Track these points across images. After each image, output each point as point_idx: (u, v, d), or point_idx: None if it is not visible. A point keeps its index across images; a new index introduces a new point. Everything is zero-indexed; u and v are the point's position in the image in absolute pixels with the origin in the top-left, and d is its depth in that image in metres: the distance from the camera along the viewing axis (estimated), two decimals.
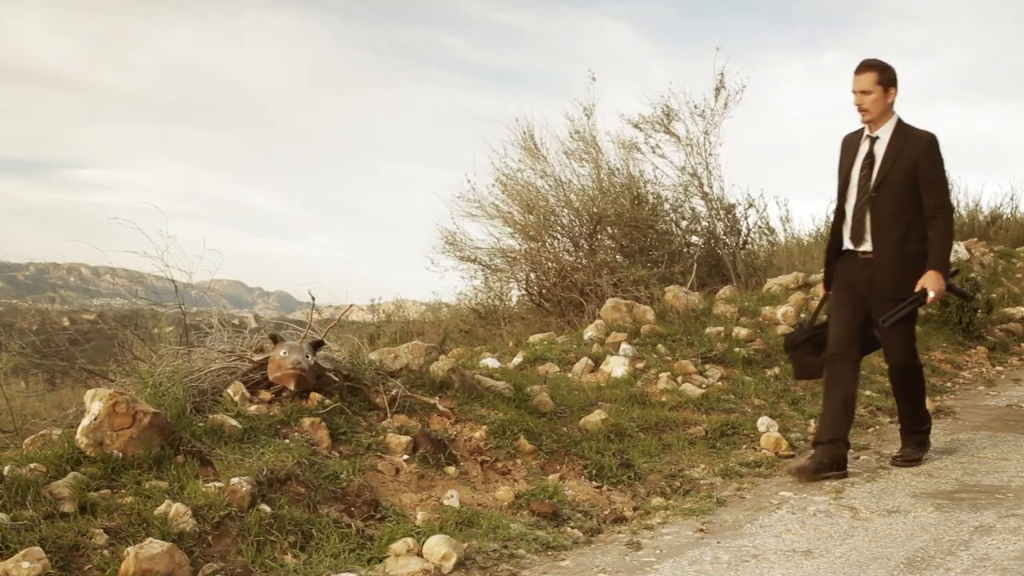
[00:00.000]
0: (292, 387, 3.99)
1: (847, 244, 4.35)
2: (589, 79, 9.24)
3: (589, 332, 6.54)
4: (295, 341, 4.20)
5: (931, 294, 4.15)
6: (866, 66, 4.25)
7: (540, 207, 9.09)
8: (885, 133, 4.27)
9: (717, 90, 9.35)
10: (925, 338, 7.82)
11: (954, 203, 12.43)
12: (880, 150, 4.26)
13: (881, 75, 4.23)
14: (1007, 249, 11.47)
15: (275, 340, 4.17)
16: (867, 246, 4.27)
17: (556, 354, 6.05)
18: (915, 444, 4.56)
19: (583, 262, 8.62)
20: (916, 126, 4.31)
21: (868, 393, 6.20)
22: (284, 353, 4.02)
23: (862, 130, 4.38)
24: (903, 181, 4.19)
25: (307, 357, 4.03)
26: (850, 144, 4.41)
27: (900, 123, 4.29)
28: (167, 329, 5.72)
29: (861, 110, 4.27)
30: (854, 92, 4.26)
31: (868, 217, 4.25)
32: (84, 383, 5.26)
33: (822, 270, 4.62)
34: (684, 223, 9.65)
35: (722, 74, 9.29)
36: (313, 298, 4.48)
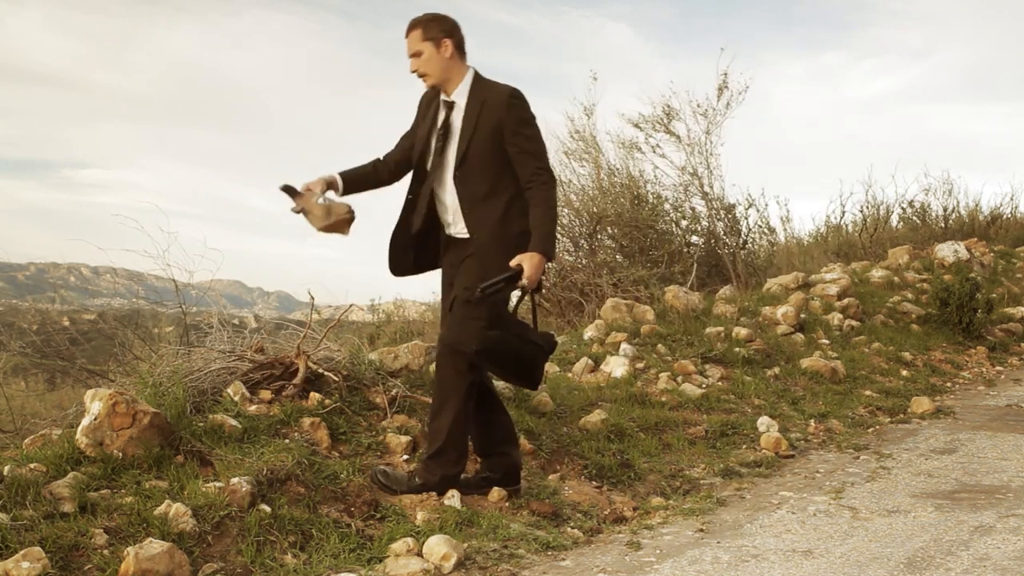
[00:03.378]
0: (347, 234, 3.60)
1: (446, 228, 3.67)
2: (590, 79, 9.26)
3: (589, 332, 6.54)
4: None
5: (524, 280, 3.42)
6: (410, 25, 3.58)
7: None
8: (461, 97, 3.57)
9: (720, 90, 9.37)
10: (925, 338, 7.83)
11: (955, 203, 12.59)
12: (457, 118, 3.57)
13: (426, 30, 3.54)
14: (1007, 249, 11.48)
15: (291, 192, 3.58)
16: (459, 229, 3.61)
17: (556, 354, 6.06)
18: (423, 471, 3.62)
19: (583, 262, 8.62)
20: (497, 80, 3.61)
21: (868, 393, 6.21)
22: (323, 200, 3.55)
23: (439, 92, 3.66)
24: (489, 152, 3.52)
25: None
26: (428, 106, 3.69)
27: (477, 81, 3.59)
28: (167, 329, 5.73)
29: (419, 75, 3.60)
30: (408, 58, 3.60)
31: (456, 198, 3.58)
32: (84, 383, 5.26)
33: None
34: (684, 223, 9.67)
35: (725, 74, 9.30)
36: (313, 298, 4.48)
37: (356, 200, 3.70)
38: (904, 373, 6.88)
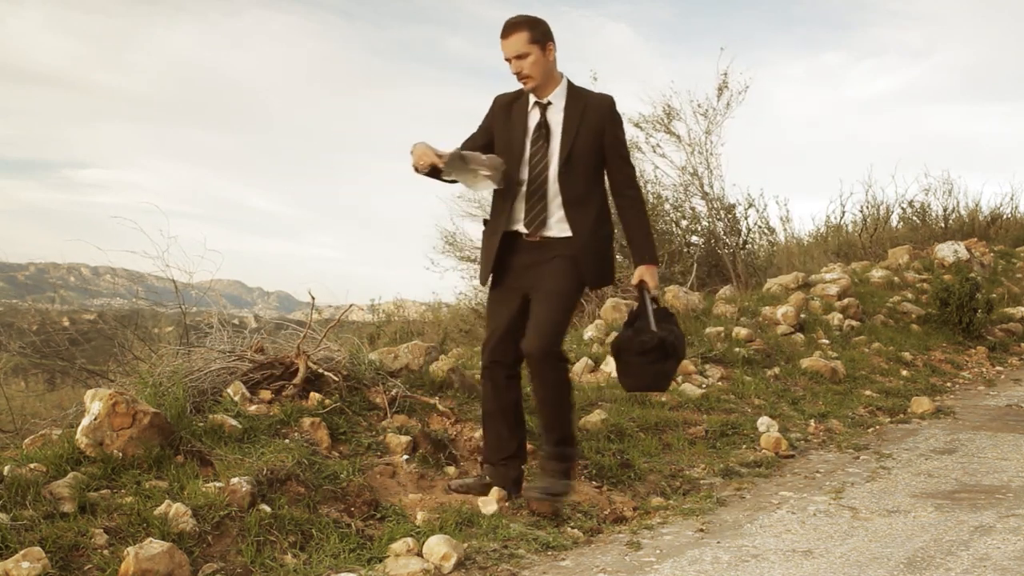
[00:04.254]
0: (502, 186, 3.61)
1: (518, 227, 3.62)
2: (590, 79, 9.27)
3: (589, 332, 6.54)
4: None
5: (653, 292, 3.66)
6: (512, 26, 3.53)
7: None
8: (558, 99, 3.61)
9: (720, 90, 9.38)
10: (925, 338, 7.83)
11: (954, 203, 12.59)
12: (556, 119, 3.59)
13: (533, 32, 3.52)
14: (1007, 249, 11.48)
15: (462, 158, 3.54)
16: (555, 231, 3.59)
17: None
18: (559, 471, 3.65)
19: None
20: (591, 89, 3.72)
21: (868, 393, 6.21)
22: (486, 158, 3.54)
23: (522, 93, 3.67)
24: (590, 153, 3.58)
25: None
26: (511, 109, 3.67)
27: (572, 85, 3.64)
28: (167, 329, 5.73)
29: (523, 77, 3.56)
30: (508, 60, 3.56)
31: (558, 198, 3.57)
32: (84, 383, 5.26)
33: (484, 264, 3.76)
34: (684, 223, 9.67)
35: (726, 74, 9.32)
36: (313, 298, 4.48)
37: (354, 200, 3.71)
38: (904, 373, 6.88)
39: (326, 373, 4.18)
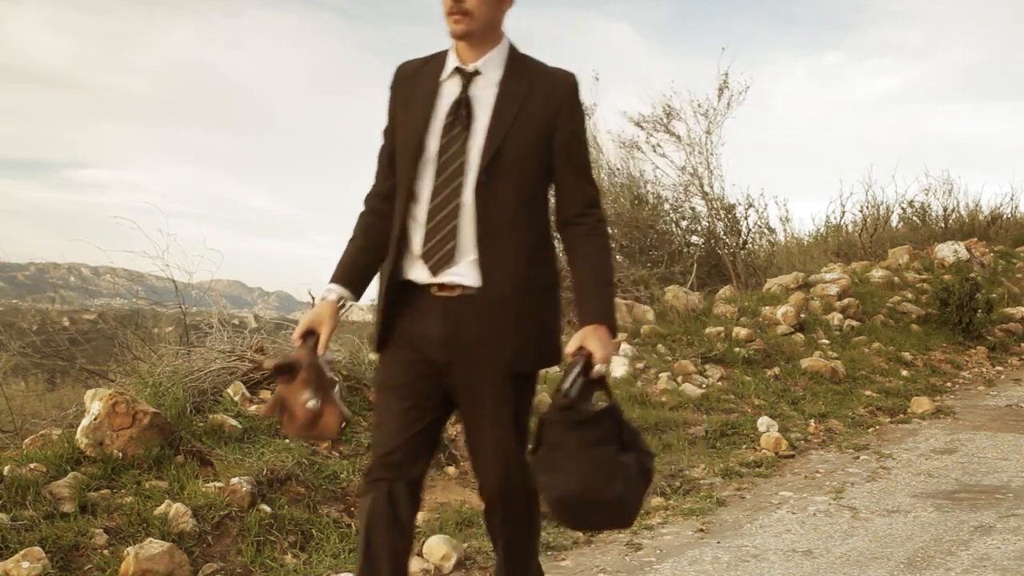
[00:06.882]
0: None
1: (414, 273, 2.19)
2: (592, 79, 9.27)
3: None
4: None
5: (599, 366, 2.21)
6: None
7: None
8: (491, 68, 2.20)
9: (720, 90, 9.40)
10: (925, 338, 7.83)
11: (955, 203, 12.61)
12: (485, 96, 2.18)
13: None
14: (1007, 249, 11.48)
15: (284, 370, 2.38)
16: (464, 276, 2.15)
17: None
18: None
19: None
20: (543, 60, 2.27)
21: (868, 393, 6.21)
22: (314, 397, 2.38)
23: (435, 59, 2.26)
24: (531, 156, 2.18)
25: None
26: (417, 81, 2.25)
27: (515, 52, 2.25)
28: (167, 329, 5.72)
29: (456, 14, 2.12)
30: None
31: (469, 221, 2.15)
32: (84, 383, 5.25)
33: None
34: (684, 223, 9.68)
35: (726, 74, 9.33)
36: (313, 298, 4.48)
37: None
38: (904, 373, 6.88)
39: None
